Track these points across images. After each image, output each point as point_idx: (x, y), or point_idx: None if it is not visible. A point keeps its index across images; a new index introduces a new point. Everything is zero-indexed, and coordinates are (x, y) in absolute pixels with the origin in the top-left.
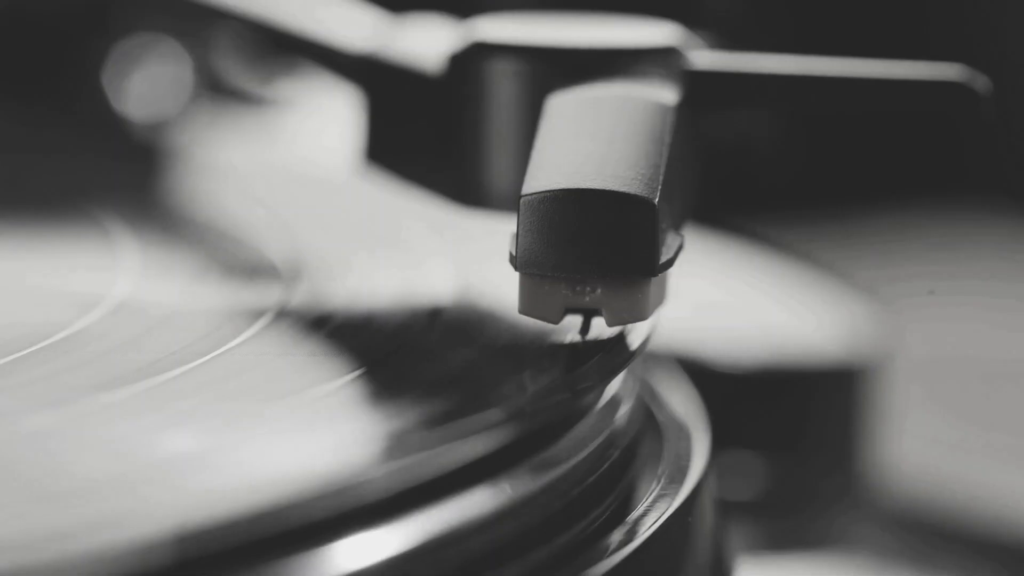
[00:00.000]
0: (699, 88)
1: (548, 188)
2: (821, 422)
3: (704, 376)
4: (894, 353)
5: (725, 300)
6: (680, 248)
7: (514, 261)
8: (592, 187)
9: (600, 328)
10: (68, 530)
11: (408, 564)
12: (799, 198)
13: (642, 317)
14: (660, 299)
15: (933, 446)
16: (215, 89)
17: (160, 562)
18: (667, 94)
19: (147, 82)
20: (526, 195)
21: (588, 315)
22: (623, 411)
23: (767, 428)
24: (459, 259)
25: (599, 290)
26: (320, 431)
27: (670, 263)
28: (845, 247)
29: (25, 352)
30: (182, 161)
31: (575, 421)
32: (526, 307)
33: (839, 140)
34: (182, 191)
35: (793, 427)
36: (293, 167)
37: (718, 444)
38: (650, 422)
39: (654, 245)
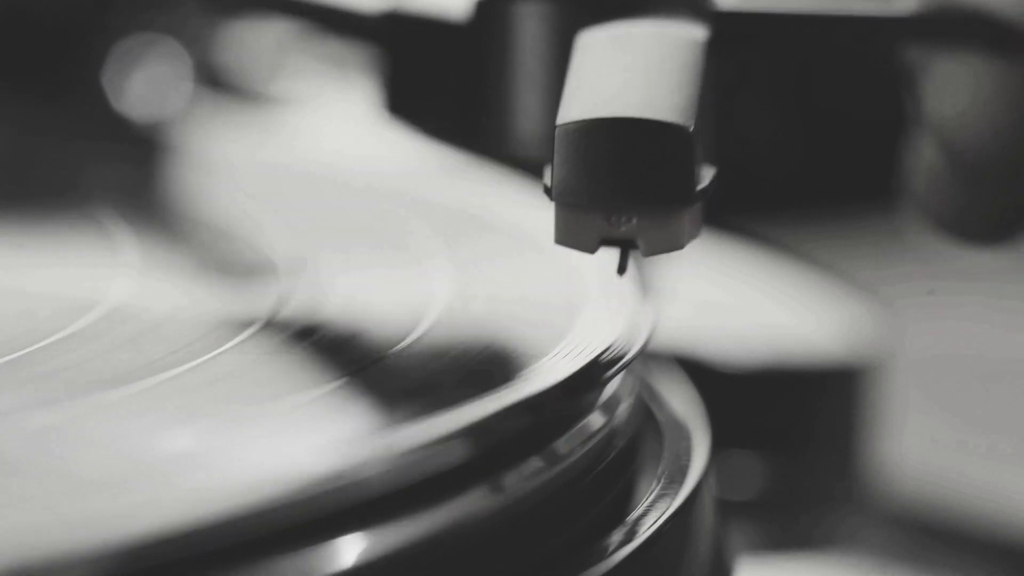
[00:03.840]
0: (724, 28)
1: (583, 117)
2: (821, 422)
3: (704, 376)
4: (894, 353)
5: (725, 300)
6: (715, 178)
7: (549, 192)
8: (627, 115)
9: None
10: (65, 529)
11: (404, 563)
12: (799, 198)
13: (678, 246)
14: (695, 230)
15: (933, 446)
16: (215, 88)
17: (153, 561)
18: (696, 31)
19: (147, 82)
20: (561, 125)
21: (625, 247)
22: (623, 410)
23: (767, 428)
24: (460, 260)
25: (635, 220)
26: (317, 432)
27: (706, 192)
28: (845, 247)
29: (24, 352)
30: (182, 160)
31: (574, 420)
32: (562, 237)
33: (839, 139)
34: (182, 190)
35: (793, 427)
36: (292, 165)
37: (718, 444)
38: (650, 422)
39: (690, 173)
